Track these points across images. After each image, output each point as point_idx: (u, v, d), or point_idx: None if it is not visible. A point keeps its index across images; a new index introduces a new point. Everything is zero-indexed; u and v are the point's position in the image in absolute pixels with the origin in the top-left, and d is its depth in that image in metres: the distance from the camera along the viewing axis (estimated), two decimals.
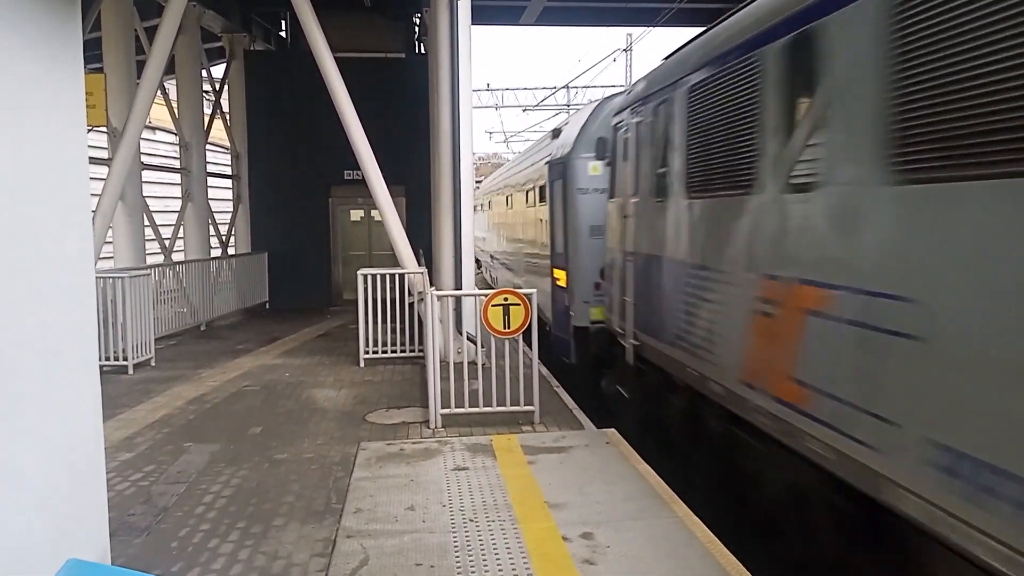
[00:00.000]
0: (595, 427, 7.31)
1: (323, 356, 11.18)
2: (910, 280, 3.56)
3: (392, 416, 7.79)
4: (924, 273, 3.48)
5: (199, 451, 6.67)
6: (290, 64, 17.01)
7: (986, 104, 3.08)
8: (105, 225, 10.96)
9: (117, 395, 8.66)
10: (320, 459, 6.42)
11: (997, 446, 3.03)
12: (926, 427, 3.42)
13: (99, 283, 9.46)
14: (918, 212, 3.54)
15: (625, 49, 31.97)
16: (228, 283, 15.28)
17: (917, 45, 3.48)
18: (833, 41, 4.22)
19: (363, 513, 5.16)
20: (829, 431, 4.17)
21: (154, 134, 24.33)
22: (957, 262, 3.28)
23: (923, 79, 3.44)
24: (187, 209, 15.59)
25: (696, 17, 18.66)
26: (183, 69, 15.58)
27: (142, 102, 10.74)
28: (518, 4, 18.70)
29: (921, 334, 3.46)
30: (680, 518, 4.94)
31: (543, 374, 8.96)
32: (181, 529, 4.99)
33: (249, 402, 8.47)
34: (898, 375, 3.62)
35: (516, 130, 46.73)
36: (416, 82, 14.69)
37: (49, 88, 3.43)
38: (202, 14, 15.50)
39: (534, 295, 7.32)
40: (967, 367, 3.21)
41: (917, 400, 3.49)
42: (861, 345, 3.90)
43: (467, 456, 6.35)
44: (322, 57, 10.54)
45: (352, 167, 12.70)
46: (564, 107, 36.71)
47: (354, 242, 18.06)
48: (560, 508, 5.15)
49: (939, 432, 3.33)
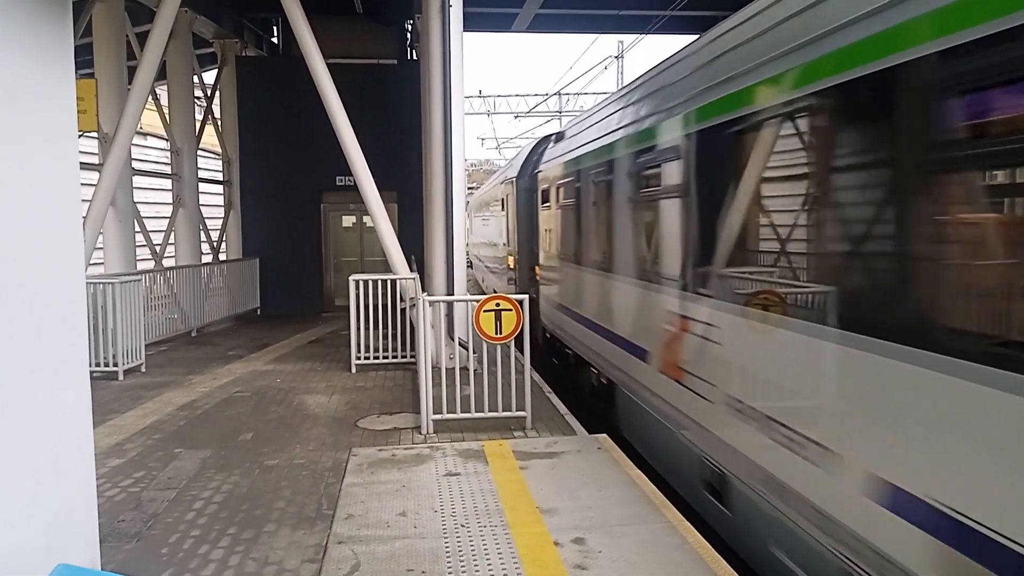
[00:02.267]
0: (587, 432, 7.32)
1: (315, 362, 11.16)
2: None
3: (384, 422, 7.78)
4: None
5: (190, 457, 6.65)
6: (282, 70, 17.02)
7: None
8: (96, 231, 10.92)
9: (107, 401, 8.63)
10: (311, 465, 6.40)
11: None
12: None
13: (89, 289, 9.43)
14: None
15: (617, 56, 32.08)
16: (219, 289, 15.23)
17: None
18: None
19: (354, 519, 5.15)
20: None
21: (145, 140, 24.26)
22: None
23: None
24: (178, 215, 15.56)
25: (687, 25, 18.77)
26: (175, 75, 15.55)
27: (133, 107, 10.71)
28: (510, 11, 18.75)
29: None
30: (672, 523, 4.94)
31: (535, 380, 8.96)
32: (171, 535, 4.97)
33: (240, 408, 8.44)
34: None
35: (508, 136, 46.76)
36: (408, 88, 14.73)
37: (39, 93, 3.42)
38: (194, 20, 15.49)
39: (526, 300, 7.32)
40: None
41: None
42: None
43: (459, 462, 6.34)
44: (314, 63, 10.55)
45: (344, 173, 12.68)
46: (556, 114, 36.81)
47: (346, 248, 18.04)
48: (552, 513, 5.16)
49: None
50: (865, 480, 3.60)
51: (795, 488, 4.23)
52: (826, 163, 4.17)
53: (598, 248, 9.07)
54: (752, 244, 5.20)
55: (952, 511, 3.06)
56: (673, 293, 6.28)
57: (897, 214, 3.54)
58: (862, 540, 3.62)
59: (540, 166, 13.37)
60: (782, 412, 4.44)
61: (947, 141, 3.16)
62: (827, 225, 4.14)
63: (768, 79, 4.62)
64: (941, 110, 3.18)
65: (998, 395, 2.83)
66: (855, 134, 3.95)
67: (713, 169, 5.57)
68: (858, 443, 3.73)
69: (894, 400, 3.46)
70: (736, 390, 5.09)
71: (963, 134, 3.11)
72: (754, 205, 5.05)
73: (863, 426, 3.69)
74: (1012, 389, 2.78)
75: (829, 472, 3.93)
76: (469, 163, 42.24)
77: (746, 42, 5.11)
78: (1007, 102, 2.89)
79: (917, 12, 3.26)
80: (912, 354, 3.29)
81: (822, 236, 4.19)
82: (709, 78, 5.64)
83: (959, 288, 3.25)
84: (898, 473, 3.40)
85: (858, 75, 3.64)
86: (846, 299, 3.88)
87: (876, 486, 3.52)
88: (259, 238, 17.37)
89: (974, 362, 2.96)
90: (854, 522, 3.69)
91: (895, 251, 3.54)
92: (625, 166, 7.73)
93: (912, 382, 3.31)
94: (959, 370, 3.03)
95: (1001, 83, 2.88)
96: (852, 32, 3.72)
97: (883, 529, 3.48)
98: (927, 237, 3.29)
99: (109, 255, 13.04)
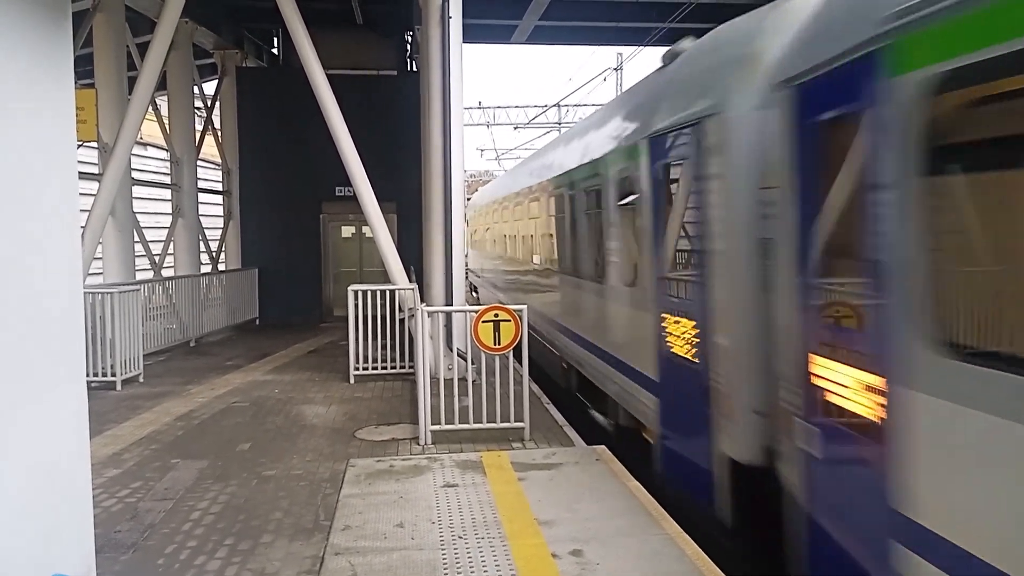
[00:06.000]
0: (585, 444, 7.30)
1: (313, 372, 11.14)
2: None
3: (382, 433, 7.76)
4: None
5: (187, 467, 6.63)
6: (282, 80, 17.07)
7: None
8: (95, 240, 10.92)
9: (105, 411, 8.60)
10: (309, 476, 6.38)
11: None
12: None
13: (88, 298, 9.42)
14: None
15: (616, 68, 32.19)
16: (218, 299, 15.23)
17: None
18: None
19: (352, 530, 5.13)
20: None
21: (145, 150, 24.31)
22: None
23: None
24: (177, 225, 15.57)
25: (684, 37, 18.83)
26: (175, 85, 15.60)
27: (133, 118, 10.73)
28: (510, 23, 18.83)
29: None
30: (670, 535, 4.93)
31: (533, 391, 8.95)
32: (168, 546, 4.95)
33: (238, 418, 8.42)
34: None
35: (507, 148, 46.85)
36: (408, 99, 14.76)
37: (39, 103, 3.43)
38: (194, 31, 15.55)
39: (524, 311, 7.32)
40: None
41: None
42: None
43: (457, 473, 6.33)
44: (314, 74, 10.59)
45: (343, 183, 12.70)
46: (555, 125, 36.90)
47: (345, 258, 18.05)
48: (550, 525, 5.14)
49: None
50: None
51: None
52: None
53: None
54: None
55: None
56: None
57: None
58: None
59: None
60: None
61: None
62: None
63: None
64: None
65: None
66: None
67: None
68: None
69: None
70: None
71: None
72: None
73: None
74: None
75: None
76: (468, 174, 42.31)
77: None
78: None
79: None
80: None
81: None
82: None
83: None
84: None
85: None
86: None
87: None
88: (258, 248, 17.39)
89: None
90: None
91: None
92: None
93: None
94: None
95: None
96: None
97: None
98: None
99: (108, 265, 13.05)
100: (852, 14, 3.60)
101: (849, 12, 3.68)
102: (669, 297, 6.14)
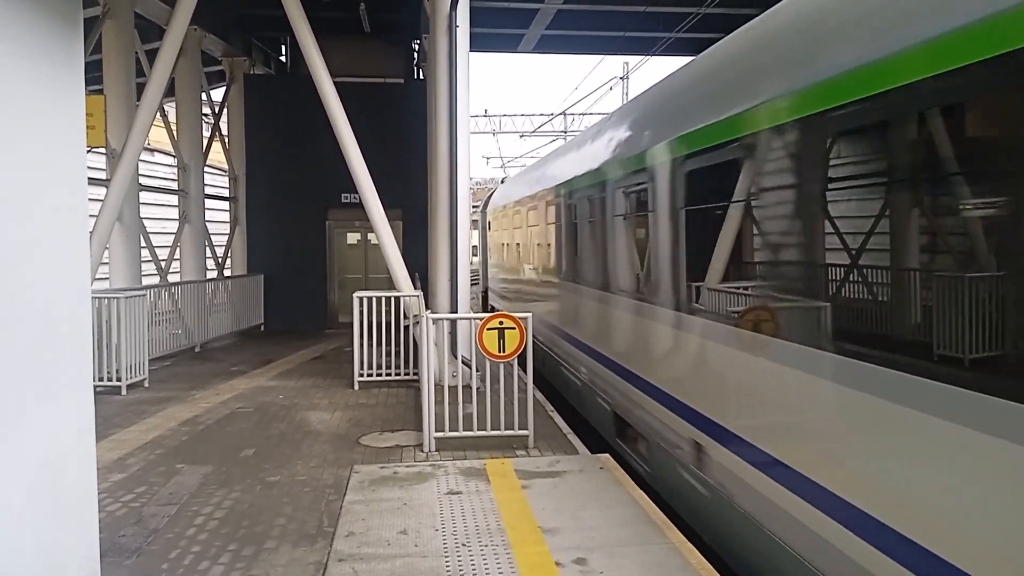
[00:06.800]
0: (589, 452, 7.29)
1: (318, 378, 11.16)
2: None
3: (386, 439, 7.76)
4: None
5: (191, 473, 6.64)
6: (289, 88, 17.13)
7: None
8: (102, 245, 10.96)
9: (110, 416, 8.63)
10: (313, 482, 6.39)
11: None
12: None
13: (95, 303, 9.45)
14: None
15: (622, 77, 32.27)
16: (224, 305, 15.26)
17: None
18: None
19: (355, 536, 5.13)
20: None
21: (153, 156, 24.43)
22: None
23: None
24: (184, 230, 15.62)
25: (691, 46, 18.87)
26: (183, 92, 15.67)
27: (141, 124, 10.80)
28: (516, 32, 18.91)
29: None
30: (674, 544, 4.92)
31: (537, 399, 8.95)
32: (172, 551, 4.96)
33: (242, 424, 8.43)
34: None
35: (513, 156, 46.98)
36: (414, 107, 14.81)
37: (50, 108, 3.46)
38: (203, 38, 15.63)
39: (529, 319, 7.29)
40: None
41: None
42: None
43: (461, 480, 6.32)
44: (321, 81, 10.64)
45: (349, 190, 12.74)
46: (561, 133, 36.96)
47: (350, 265, 18.09)
48: (553, 533, 5.13)
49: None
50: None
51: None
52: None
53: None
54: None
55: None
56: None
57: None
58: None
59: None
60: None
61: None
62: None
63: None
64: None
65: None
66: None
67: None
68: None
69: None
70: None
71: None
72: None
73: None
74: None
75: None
76: (474, 182, 42.39)
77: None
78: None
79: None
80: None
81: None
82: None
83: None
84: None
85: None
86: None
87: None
88: (264, 254, 17.43)
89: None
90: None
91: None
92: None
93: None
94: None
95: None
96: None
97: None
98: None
99: (115, 270, 13.10)
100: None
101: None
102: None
